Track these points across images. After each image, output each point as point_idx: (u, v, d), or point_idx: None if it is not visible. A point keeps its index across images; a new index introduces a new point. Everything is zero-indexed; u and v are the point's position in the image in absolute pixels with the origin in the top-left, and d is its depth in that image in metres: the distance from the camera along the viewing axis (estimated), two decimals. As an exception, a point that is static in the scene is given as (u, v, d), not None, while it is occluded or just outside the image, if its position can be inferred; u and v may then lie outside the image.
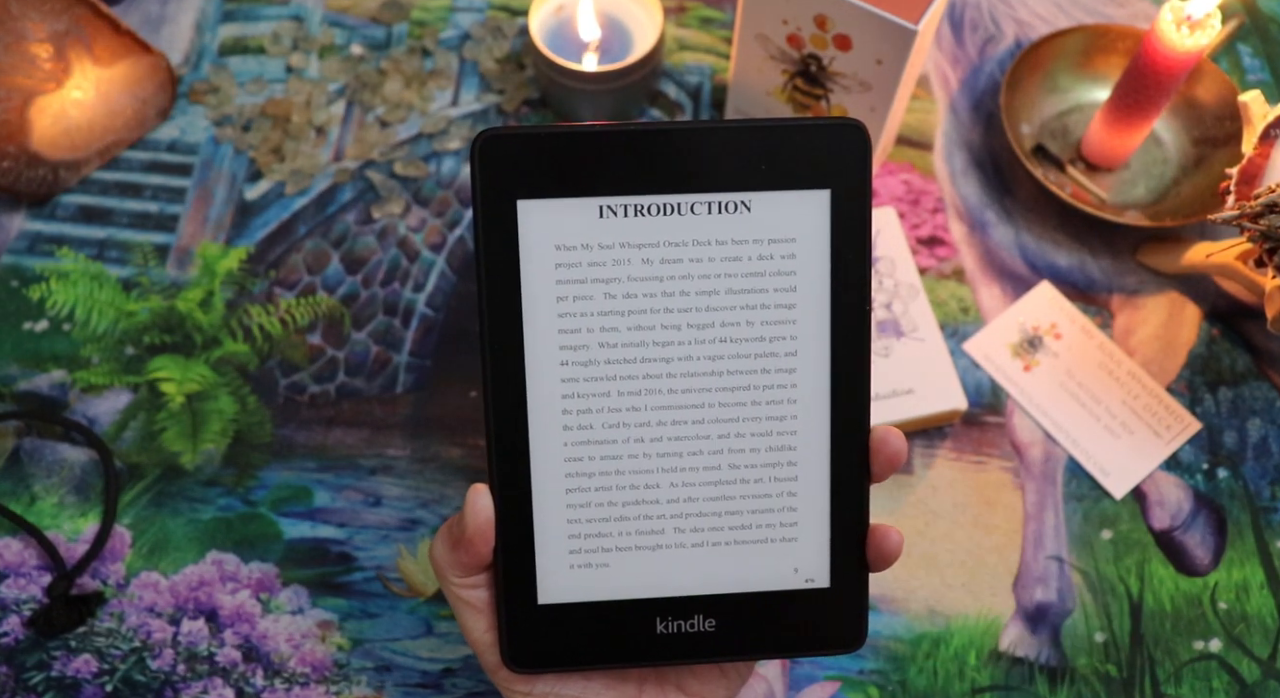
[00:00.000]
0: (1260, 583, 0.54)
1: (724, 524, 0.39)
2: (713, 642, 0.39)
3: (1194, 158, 0.62)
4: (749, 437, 0.39)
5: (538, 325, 0.37)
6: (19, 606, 0.53)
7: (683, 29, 0.67)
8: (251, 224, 0.61)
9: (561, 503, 0.39)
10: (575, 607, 0.39)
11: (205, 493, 0.55)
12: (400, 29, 0.67)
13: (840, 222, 0.37)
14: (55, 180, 0.61)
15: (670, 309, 0.38)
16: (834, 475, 0.39)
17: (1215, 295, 0.60)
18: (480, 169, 0.36)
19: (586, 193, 0.37)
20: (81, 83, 0.60)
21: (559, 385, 0.38)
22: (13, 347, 0.58)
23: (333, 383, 0.58)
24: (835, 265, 0.37)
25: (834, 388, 0.38)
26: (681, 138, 0.37)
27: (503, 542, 0.38)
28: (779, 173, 0.37)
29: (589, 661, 0.39)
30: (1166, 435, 0.57)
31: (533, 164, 0.36)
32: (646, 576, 0.39)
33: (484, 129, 0.38)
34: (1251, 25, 0.68)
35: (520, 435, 0.38)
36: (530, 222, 0.37)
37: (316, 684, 0.52)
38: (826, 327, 0.38)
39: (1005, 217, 0.62)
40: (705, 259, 0.37)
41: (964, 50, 0.67)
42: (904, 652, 0.53)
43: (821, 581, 0.39)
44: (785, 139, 0.37)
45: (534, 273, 0.37)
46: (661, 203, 0.37)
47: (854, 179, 0.37)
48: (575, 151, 0.36)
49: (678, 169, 0.37)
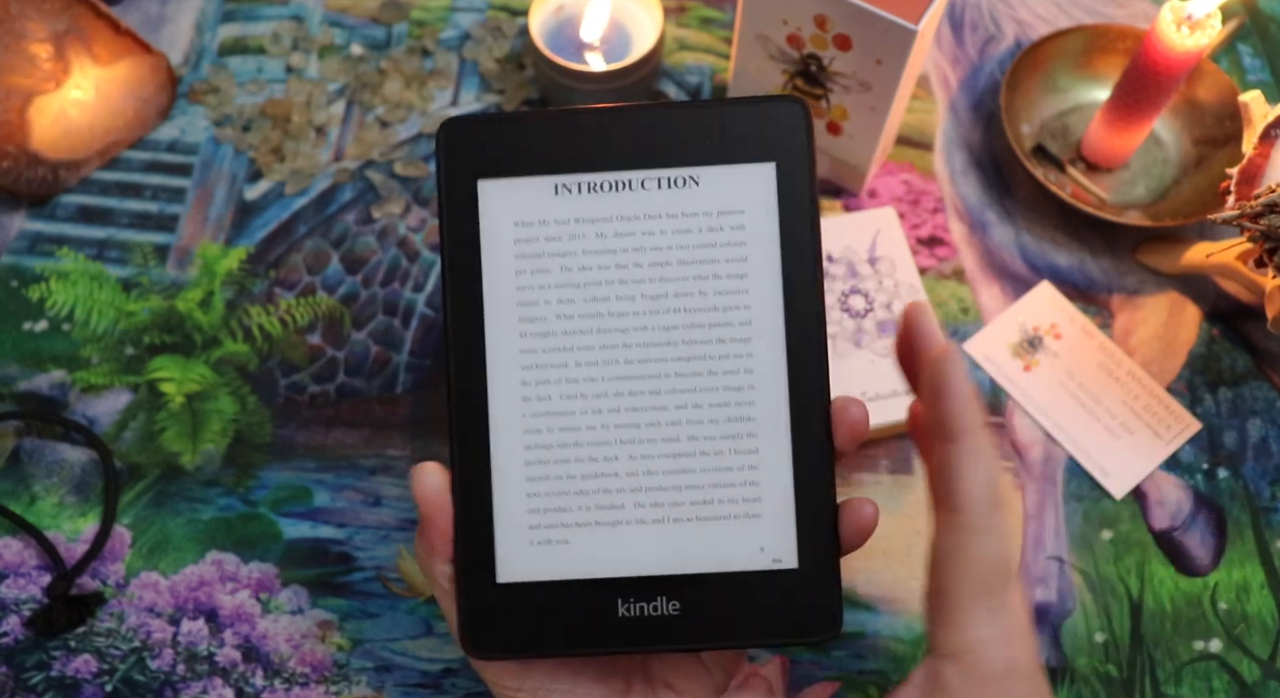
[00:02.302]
0: (1260, 583, 0.54)
1: (685, 499, 0.39)
2: (677, 627, 0.39)
3: (1194, 158, 0.62)
4: (706, 407, 0.39)
5: (497, 296, 0.39)
6: (19, 606, 0.53)
7: (683, 29, 0.67)
8: (251, 224, 0.61)
9: (521, 475, 0.39)
10: (535, 587, 0.39)
11: (205, 493, 0.55)
12: (400, 29, 0.67)
13: (786, 192, 0.39)
14: (55, 180, 0.61)
15: (625, 281, 0.39)
16: (796, 448, 0.39)
17: (1215, 295, 0.60)
18: (444, 153, 0.39)
19: (542, 172, 0.39)
20: (81, 83, 0.60)
21: (518, 356, 0.39)
22: (13, 347, 0.58)
23: (333, 383, 0.58)
24: (784, 235, 0.39)
25: (790, 358, 0.39)
26: (631, 118, 0.39)
27: (463, 517, 0.39)
28: (725, 148, 0.39)
29: (551, 646, 0.39)
30: (1166, 436, 0.57)
31: (492, 147, 0.39)
32: (607, 553, 0.39)
33: (448, 117, 0.40)
34: (1251, 25, 0.68)
35: (480, 407, 0.39)
36: (490, 200, 0.39)
37: (316, 684, 0.52)
38: (780, 296, 0.39)
39: (1005, 217, 0.62)
40: (657, 232, 0.39)
41: (964, 50, 0.67)
42: (904, 652, 0.53)
43: (789, 561, 0.39)
44: (730, 116, 0.39)
45: (494, 248, 0.39)
46: (613, 179, 0.39)
47: (797, 152, 0.39)
48: (531, 134, 0.39)
49: (628, 147, 0.39)
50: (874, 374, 0.55)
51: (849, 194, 0.63)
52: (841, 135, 0.59)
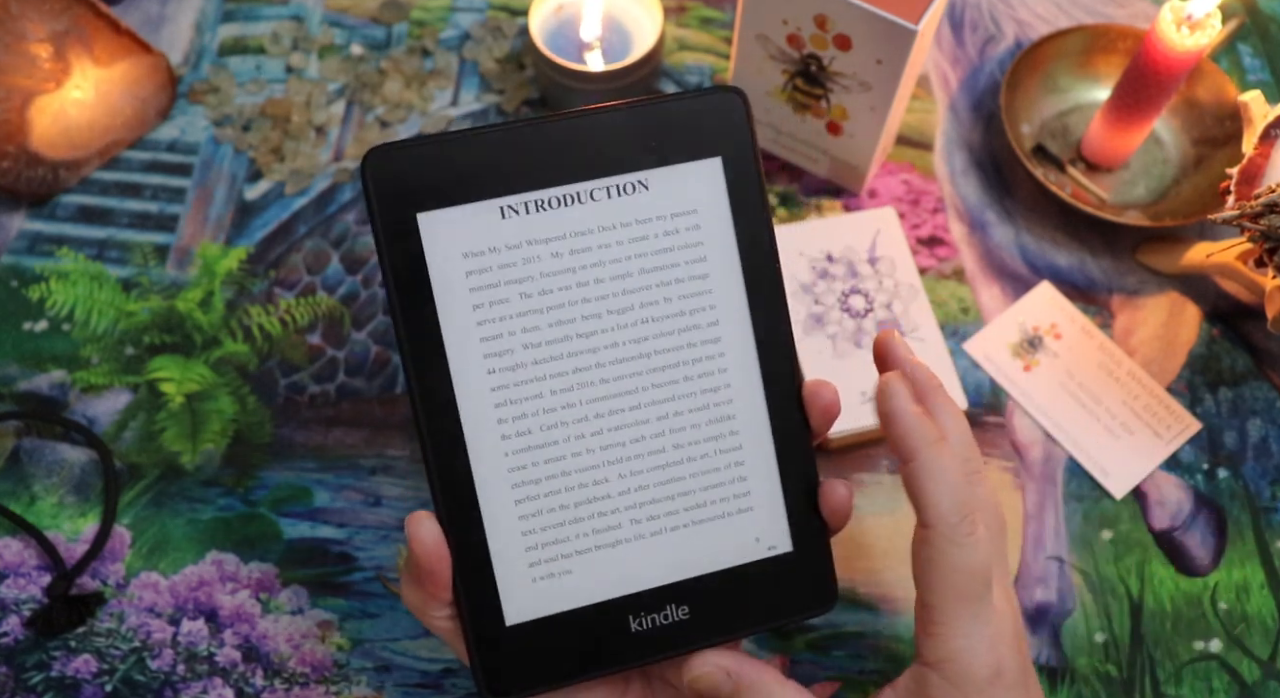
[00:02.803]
0: (1260, 583, 0.54)
1: (679, 507, 0.39)
2: (690, 628, 0.39)
3: (1194, 158, 0.62)
4: (687, 413, 0.39)
5: (457, 335, 0.37)
6: (18, 606, 0.53)
7: (683, 29, 0.67)
8: (251, 224, 0.61)
9: (513, 515, 0.38)
10: (545, 622, 0.38)
11: (205, 493, 0.55)
12: (400, 29, 0.67)
13: (736, 185, 0.38)
14: (55, 180, 0.61)
15: (588, 299, 0.38)
16: (776, 437, 0.39)
17: (1215, 295, 0.60)
18: (374, 187, 0.36)
19: (485, 196, 0.37)
20: (81, 83, 0.60)
21: (489, 394, 0.37)
22: (13, 347, 0.58)
23: (333, 383, 0.58)
24: (739, 228, 0.38)
25: (760, 350, 0.39)
26: (569, 127, 0.37)
27: (460, 567, 0.38)
28: (669, 148, 0.38)
29: (571, 674, 0.38)
30: (1166, 436, 0.57)
31: (427, 175, 0.36)
32: (611, 575, 0.39)
33: (371, 147, 0.38)
34: (1251, 25, 0.68)
35: (459, 452, 0.37)
36: (433, 233, 0.37)
37: (316, 684, 0.52)
38: (742, 291, 0.39)
39: (1005, 217, 0.62)
40: (613, 243, 0.38)
41: (964, 50, 0.67)
42: (904, 652, 0.53)
43: (784, 546, 0.39)
44: (669, 114, 0.38)
45: (446, 284, 0.37)
46: (560, 194, 0.37)
47: (741, 143, 0.38)
48: (467, 156, 0.37)
49: (571, 159, 0.37)
50: (874, 374, 0.55)
51: (849, 194, 0.63)
52: (841, 135, 0.59)
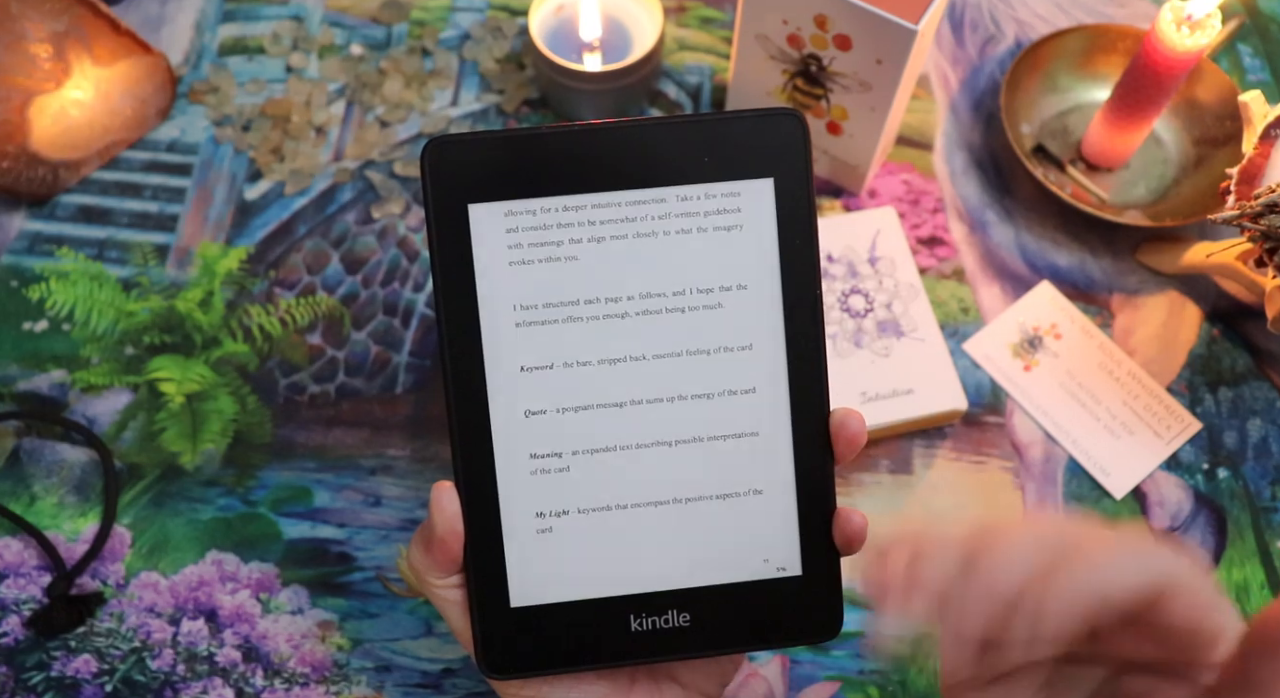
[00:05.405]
0: (1260, 583, 0.54)
1: (692, 515, 0.39)
2: (688, 636, 0.39)
3: (1194, 158, 0.62)
4: (712, 424, 0.39)
5: (495, 319, 0.38)
6: (19, 606, 0.53)
7: (683, 29, 0.67)
8: (251, 224, 0.61)
9: (530, 501, 0.39)
10: (548, 608, 0.39)
11: (205, 493, 0.55)
12: (400, 29, 0.67)
13: (785, 208, 0.38)
14: (55, 180, 0.61)
15: (625, 302, 0.38)
16: (798, 460, 0.39)
17: (1215, 295, 0.60)
18: (431, 175, 0.37)
19: (534, 194, 0.38)
20: (81, 83, 0.60)
21: (520, 386, 0.38)
22: (12, 347, 0.58)
23: (333, 383, 0.58)
24: (784, 252, 0.38)
25: (791, 374, 0.39)
26: (624, 136, 0.38)
27: (472, 545, 0.38)
28: (723, 164, 0.38)
29: (566, 663, 0.39)
30: (1166, 435, 0.57)
31: (481, 169, 0.37)
32: (618, 572, 0.39)
33: (433, 136, 0.39)
34: (1251, 25, 0.68)
35: (484, 435, 0.38)
36: (481, 224, 0.38)
37: (316, 684, 0.52)
38: (780, 314, 0.39)
39: (1005, 217, 0.62)
40: (656, 252, 0.38)
41: (964, 50, 0.67)
42: (904, 652, 0.53)
43: (793, 569, 0.39)
44: (728, 131, 0.38)
45: (488, 273, 0.38)
46: (608, 200, 0.38)
47: (795, 166, 0.38)
48: (521, 155, 0.37)
49: (622, 166, 0.38)
50: (874, 374, 0.55)
51: (849, 194, 0.63)
52: (841, 135, 0.59)
